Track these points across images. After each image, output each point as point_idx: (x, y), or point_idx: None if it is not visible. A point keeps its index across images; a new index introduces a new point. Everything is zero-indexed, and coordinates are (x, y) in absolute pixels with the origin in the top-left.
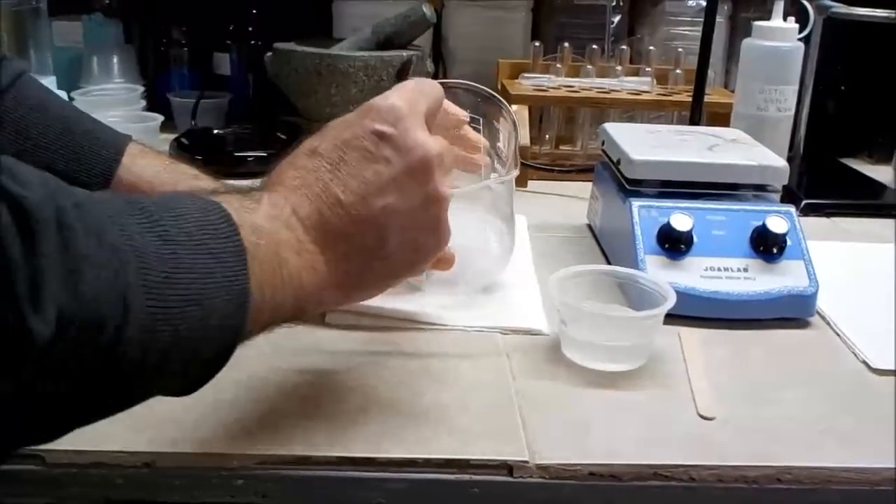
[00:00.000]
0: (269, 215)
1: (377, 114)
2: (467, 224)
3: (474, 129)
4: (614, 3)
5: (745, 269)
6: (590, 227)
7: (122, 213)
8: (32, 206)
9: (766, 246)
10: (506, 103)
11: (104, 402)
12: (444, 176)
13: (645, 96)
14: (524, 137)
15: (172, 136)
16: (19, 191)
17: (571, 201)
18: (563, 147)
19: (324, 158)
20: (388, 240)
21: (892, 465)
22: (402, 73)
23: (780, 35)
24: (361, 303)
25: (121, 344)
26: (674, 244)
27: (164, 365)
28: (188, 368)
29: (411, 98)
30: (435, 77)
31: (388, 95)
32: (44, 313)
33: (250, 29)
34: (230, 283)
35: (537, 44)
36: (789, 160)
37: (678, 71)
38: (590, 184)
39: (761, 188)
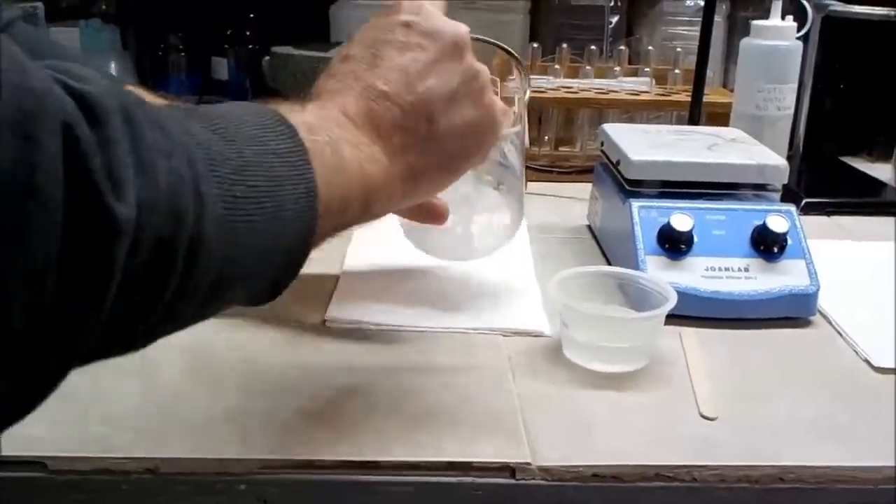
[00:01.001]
0: (319, 116)
1: (399, 7)
2: (469, 184)
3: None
4: (612, 4)
5: (746, 269)
6: (590, 228)
7: (181, 116)
8: (97, 98)
9: (767, 245)
10: (518, 56)
11: (189, 303)
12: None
13: (644, 97)
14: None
15: None
16: (82, 86)
17: (571, 202)
18: (562, 148)
19: (358, 59)
20: (438, 121)
21: (894, 464)
22: None
23: (778, 34)
24: (362, 314)
25: (202, 235)
26: (674, 244)
27: (244, 260)
28: (267, 267)
29: None
30: None
31: None
32: (124, 198)
33: (248, 33)
34: (297, 178)
35: (535, 45)
36: (789, 159)
37: (677, 71)
38: (589, 185)
39: (761, 187)
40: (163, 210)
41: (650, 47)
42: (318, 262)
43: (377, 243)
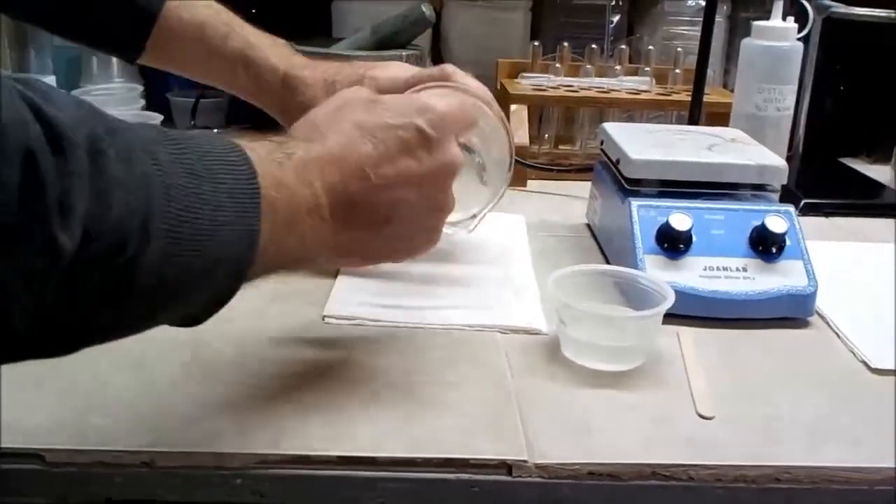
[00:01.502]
0: (297, 174)
1: (427, 115)
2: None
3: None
4: (613, 3)
5: (745, 269)
6: (589, 226)
7: (153, 141)
8: (66, 127)
9: (766, 245)
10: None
11: (117, 322)
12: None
13: (644, 96)
14: (523, 137)
15: None
16: (53, 112)
17: (570, 201)
18: (562, 147)
19: (370, 137)
20: (391, 224)
21: (892, 465)
22: None
23: (779, 35)
24: (360, 310)
25: (137, 267)
26: (673, 244)
27: (176, 291)
28: (197, 297)
29: (459, 115)
30: None
31: (443, 100)
32: (70, 230)
33: None
34: (242, 223)
35: (536, 43)
36: (788, 160)
37: (677, 70)
38: (589, 183)
39: (760, 188)
40: (108, 239)
41: (651, 47)
42: None
43: None
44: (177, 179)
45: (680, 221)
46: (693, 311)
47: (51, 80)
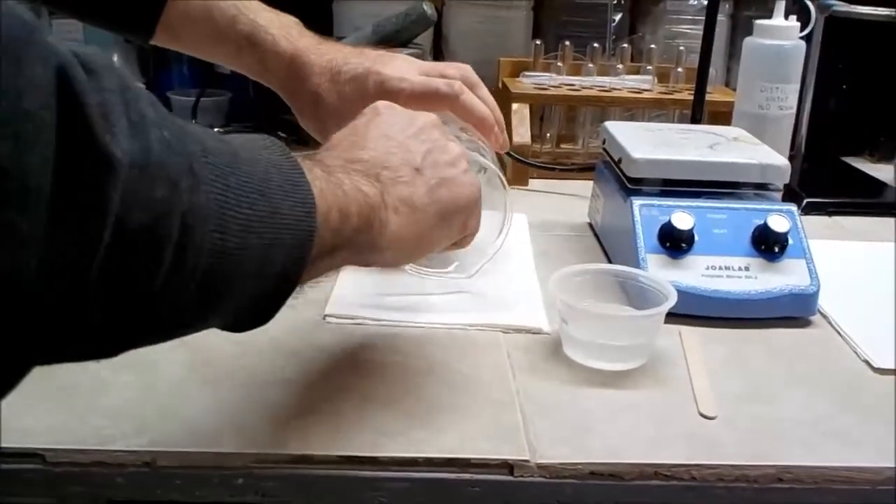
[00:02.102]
0: (322, 166)
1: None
2: None
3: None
4: (616, 2)
5: (747, 268)
6: (591, 225)
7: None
8: (94, 61)
9: (768, 245)
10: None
11: (175, 301)
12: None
13: (646, 95)
14: (525, 136)
15: None
16: (83, 52)
17: (572, 200)
18: (564, 145)
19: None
20: (423, 171)
21: (893, 465)
22: None
23: (781, 33)
24: (362, 310)
25: (196, 210)
26: (675, 243)
27: (239, 257)
28: (260, 272)
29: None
30: None
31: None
32: (118, 141)
33: None
34: (292, 186)
35: (538, 42)
36: (791, 159)
37: (679, 69)
38: (591, 182)
39: (763, 187)
40: (155, 173)
41: (653, 45)
42: None
43: None
44: (208, 142)
45: (682, 220)
46: (695, 311)
47: None
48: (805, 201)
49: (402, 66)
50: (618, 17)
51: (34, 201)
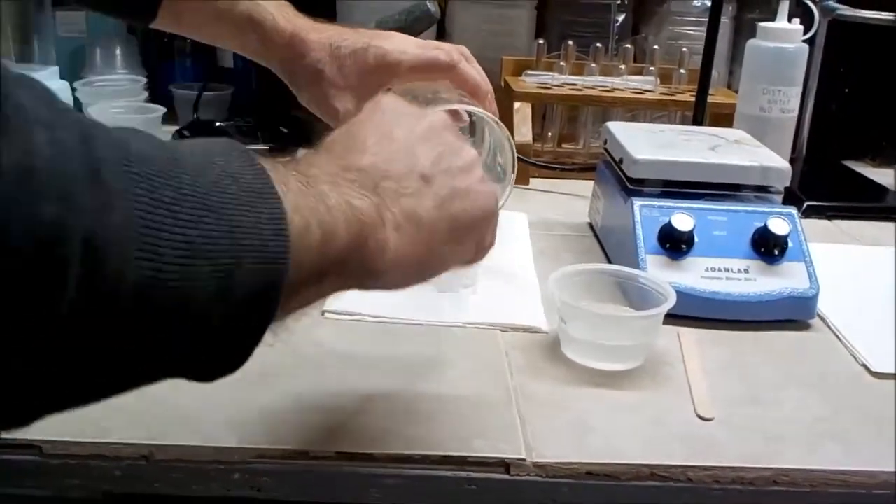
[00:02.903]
0: (306, 168)
1: (453, 147)
2: None
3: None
4: (619, 2)
5: (746, 271)
6: (591, 225)
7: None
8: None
9: (768, 247)
10: (502, 124)
11: (91, 351)
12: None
13: (648, 95)
14: (527, 135)
15: (174, 129)
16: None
17: (573, 199)
18: (565, 145)
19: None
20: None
21: (891, 469)
22: None
23: (784, 36)
24: (360, 306)
25: (106, 235)
26: (675, 244)
27: (184, 286)
28: (221, 297)
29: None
30: None
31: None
32: None
33: None
34: (258, 200)
35: (541, 41)
36: (792, 162)
37: (682, 71)
38: (592, 182)
39: (763, 189)
40: (38, 184)
41: (656, 46)
42: None
43: None
44: (133, 144)
45: (682, 222)
46: (694, 312)
47: (54, 70)
48: (805, 204)
49: (401, 41)
50: (621, 17)
51: None
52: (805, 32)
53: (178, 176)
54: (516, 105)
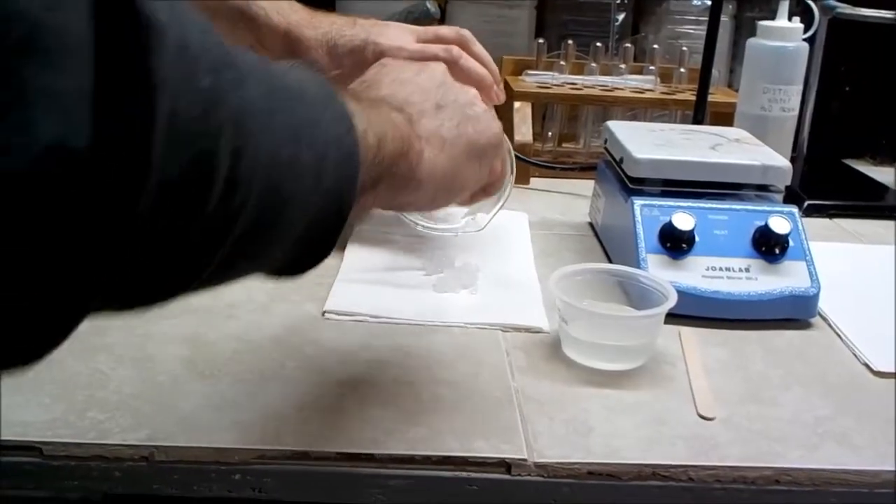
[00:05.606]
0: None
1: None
2: None
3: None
4: (619, 1)
5: (747, 269)
6: (591, 225)
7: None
8: None
9: (769, 246)
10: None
11: (233, 231)
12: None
13: (648, 95)
14: (527, 134)
15: None
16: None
17: (573, 199)
18: (565, 144)
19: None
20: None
21: (892, 468)
22: None
23: (784, 35)
24: (361, 307)
25: (246, 107)
26: (675, 243)
27: (291, 173)
28: (317, 183)
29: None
30: None
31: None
32: (158, 12)
33: None
34: (327, 99)
35: (541, 41)
36: (792, 160)
37: (682, 70)
38: (592, 182)
39: (764, 188)
40: (196, 57)
41: (656, 45)
42: None
43: (377, 237)
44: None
45: (683, 221)
46: (695, 312)
47: None
48: (806, 203)
49: (398, 35)
50: (621, 16)
51: (76, 63)
52: (805, 31)
53: (271, 71)
54: (516, 105)
